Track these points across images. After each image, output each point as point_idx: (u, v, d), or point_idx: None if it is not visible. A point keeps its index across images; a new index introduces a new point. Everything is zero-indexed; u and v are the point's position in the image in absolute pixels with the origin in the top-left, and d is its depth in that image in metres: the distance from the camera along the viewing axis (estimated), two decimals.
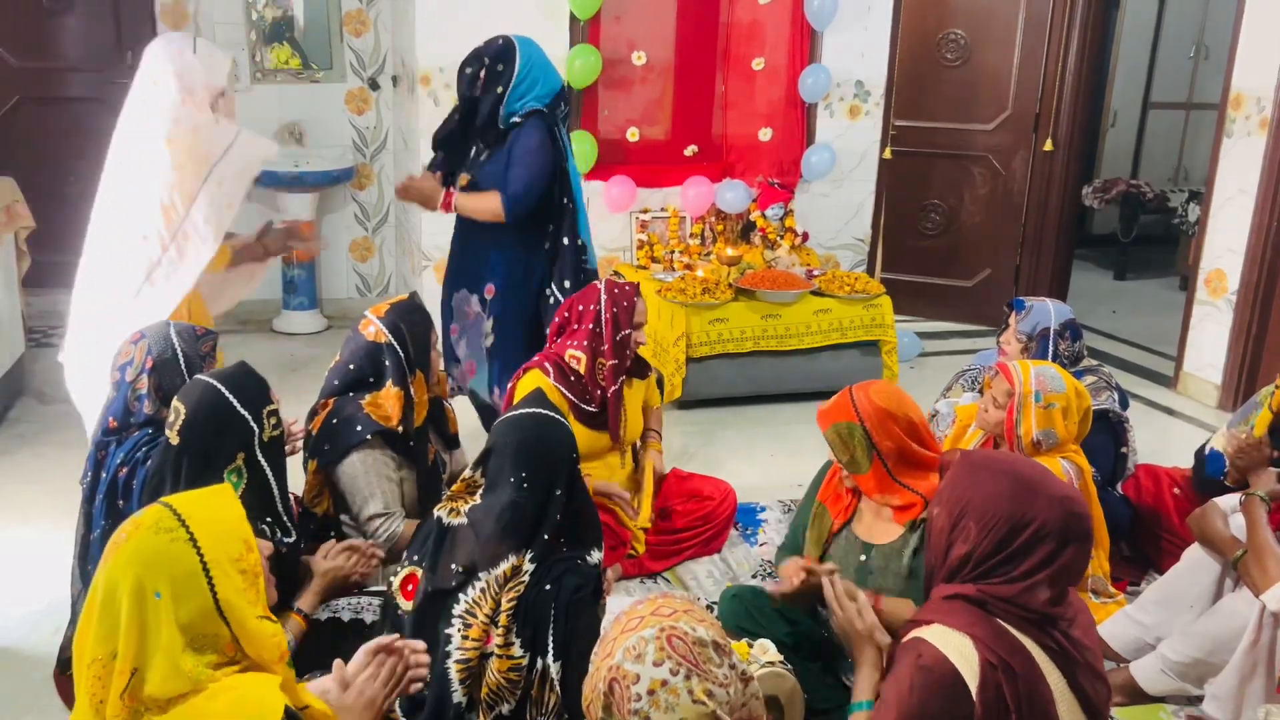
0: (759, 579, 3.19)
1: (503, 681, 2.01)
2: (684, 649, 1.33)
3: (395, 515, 2.63)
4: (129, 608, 1.45)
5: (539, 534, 2.08)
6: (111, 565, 1.49)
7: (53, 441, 3.98)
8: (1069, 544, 1.72)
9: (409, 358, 2.70)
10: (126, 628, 1.44)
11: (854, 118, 5.53)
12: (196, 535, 1.49)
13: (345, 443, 2.61)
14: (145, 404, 2.50)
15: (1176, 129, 8.30)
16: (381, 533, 2.60)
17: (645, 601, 1.43)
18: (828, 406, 2.42)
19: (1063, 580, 1.74)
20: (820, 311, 4.68)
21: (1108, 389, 3.30)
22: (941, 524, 1.80)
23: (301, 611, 2.32)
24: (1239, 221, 4.70)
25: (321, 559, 2.41)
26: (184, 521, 1.49)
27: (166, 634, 1.45)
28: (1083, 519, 1.76)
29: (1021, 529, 1.72)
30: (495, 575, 2.04)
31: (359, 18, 5.52)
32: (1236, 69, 4.75)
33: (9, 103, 5.33)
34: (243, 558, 1.53)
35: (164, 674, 1.44)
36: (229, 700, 1.47)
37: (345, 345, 2.76)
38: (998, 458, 1.91)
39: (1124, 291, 7.21)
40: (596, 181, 5.10)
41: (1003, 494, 1.75)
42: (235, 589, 1.50)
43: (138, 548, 1.48)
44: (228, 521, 1.54)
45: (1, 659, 2.70)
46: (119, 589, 1.46)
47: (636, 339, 3.17)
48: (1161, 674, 2.59)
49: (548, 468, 2.10)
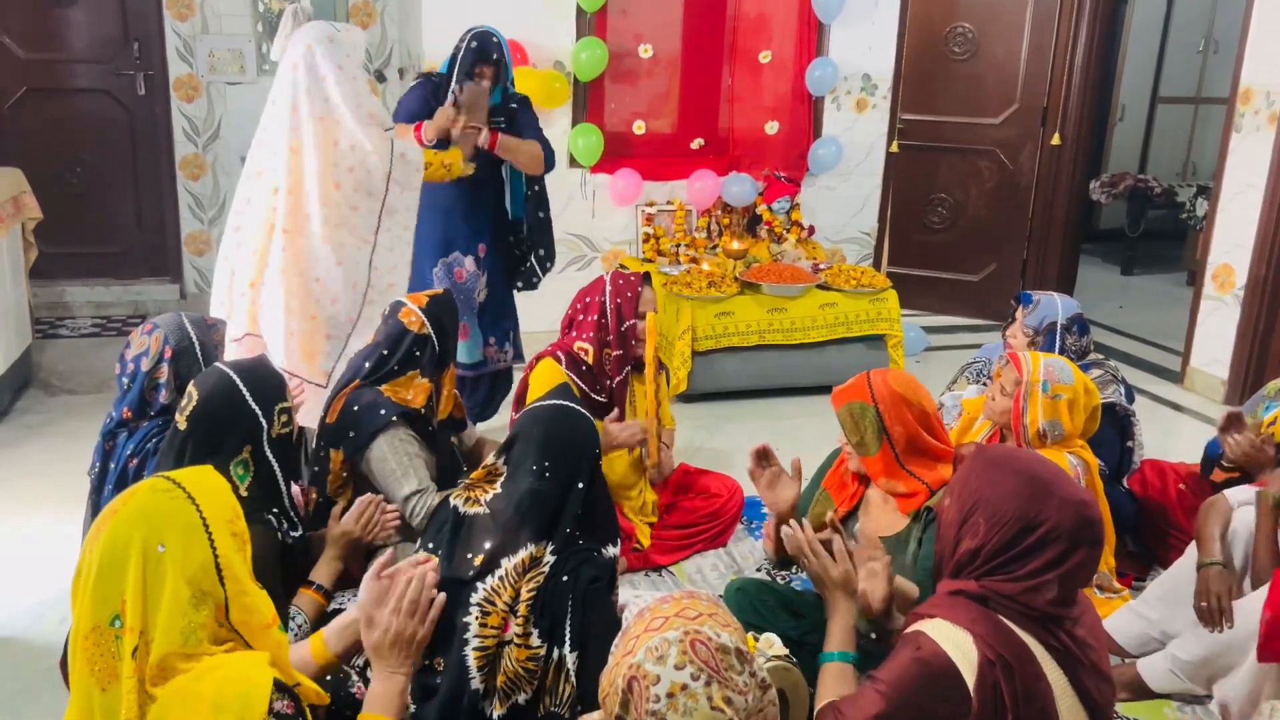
0: (764, 573, 3.20)
1: (520, 671, 2.01)
2: (706, 654, 1.33)
3: (429, 490, 2.64)
4: (135, 564, 1.43)
5: (559, 525, 2.08)
6: (112, 528, 1.46)
7: (59, 432, 3.99)
8: (1079, 548, 1.71)
9: (444, 352, 2.74)
10: (134, 584, 1.42)
11: (861, 111, 5.52)
12: (193, 495, 1.48)
13: (370, 428, 2.62)
14: (163, 393, 2.51)
15: (1185, 123, 8.28)
16: (419, 510, 2.60)
17: (671, 600, 1.42)
18: (843, 387, 2.43)
19: (1070, 584, 1.73)
20: (826, 305, 4.67)
21: (1114, 383, 3.29)
22: (951, 517, 1.80)
23: (321, 588, 2.31)
24: (1247, 216, 4.69)
25: (334, 524, 2.42)
26: (178, 484, 1.49)
27: (171, 586, 1.43)
28: (1095, 524, 1.74)
29: (1032, 529, 1.71)
30: (515, 563, 2.04)
31: (365, 10, 5.51)
32: (1246, 63, 4.73)
33: (16, 94, 5.33)
34: (234, 521, 1.53)
35: (170, 630, 1.42)
36: (216, 679, 1.44)
37: (382, 330, 2.78)
38: (1014, 455, 1.89)
39: (1131, 286, 7.19)
40: (602, 174, 5.10)
41: (1016, 492, 1.73)
42: (231, 549, 1.49)
43: (139, 506, 1.47)
44: (217, 488, 1.54)
45: (9, 648, 2.71)
46: (124, 548, 1.43)
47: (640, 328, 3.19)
48: (1170, 673, 2.58)
49: (571, 459, 2.11)
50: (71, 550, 2.66)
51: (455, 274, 3.71)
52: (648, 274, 3.29)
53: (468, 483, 2.23)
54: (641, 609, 1.43)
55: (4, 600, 2.91)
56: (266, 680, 1.47)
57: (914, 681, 1.70)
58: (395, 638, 1.76)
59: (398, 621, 1.76)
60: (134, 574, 1.42)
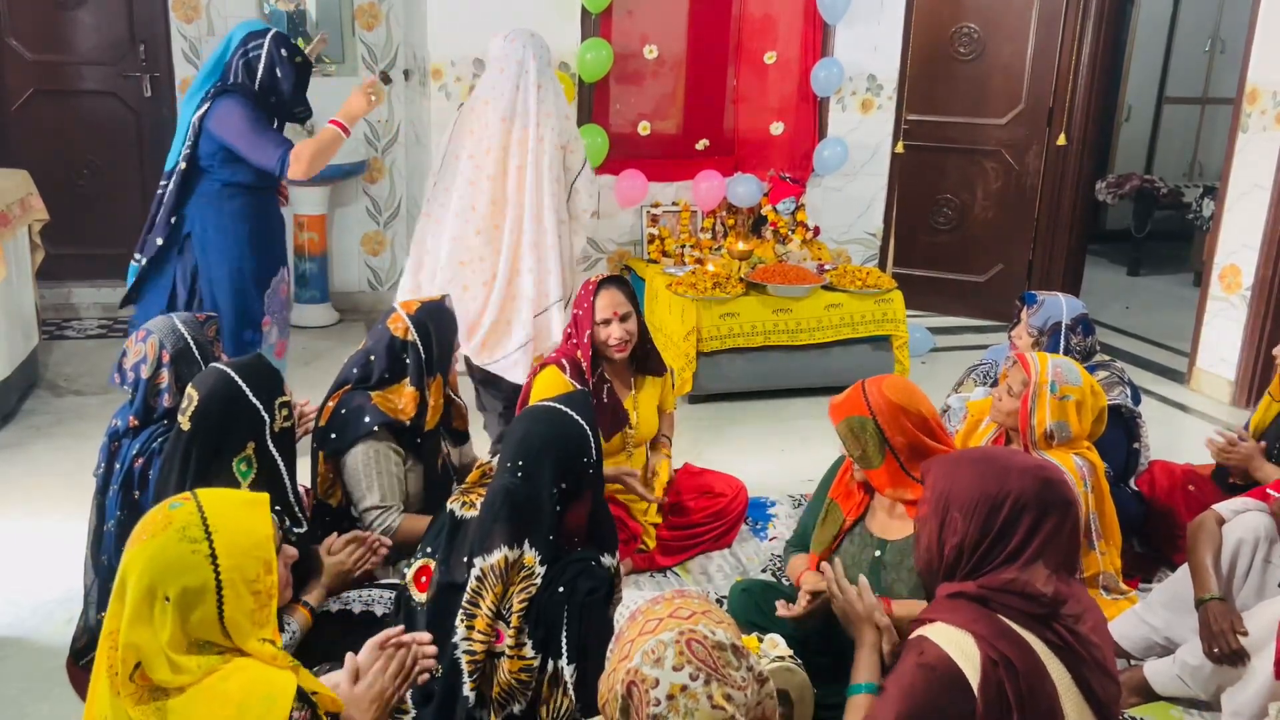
0: (769, 573, 3.19)
1: (514, 682, 2.01)
2: (703, 653, 1.33)
3: (392, 509, 2.61)
4: (135, 603, 1.47)
5: (536, 530, 2.04)
6: (130, 557, 1.51)
7: (66, 433, 4.01)
8: (1050, 511, 1.75)
9: (430, 360, 2.69)
10: (130, 620, 1.46)
11: (866, 112, 5.51)
12: (218, 552, 1.50)
13: (352, 434, 2.61)
14: (166, 397, 2.51)
15: (1191, 124, 8.26)
16: (377, 525, 2.58)
17: (662, 601, 1.42)
18: (840, 400, 2.41)
19: (1055, 554, 1.75)
20: (831, 306, 4.66)
21: (1120, 384, 3.29)
22: (932, 526, 1.82)
23: (308, 605, 2.32)
24: (1254, 217, 4.67)
25: (326, 554, 2.40)
26: (209, 534, 1.50)
27: (170, 634, 1.47)
28: (1057, 485, 1.78)
29: (1000, 506, 1.74)
30: (491, 564, 2.02)
31: (371, 11, 5.52)
32: (1252, 63, 4.71)
33: (23, 96, 5.35)
34: (259, 579, 1.54)
35: (165, 669, 1.47)
36: (243, 680, 1.49)
37: (370, 335, 2.77)
38: (967, 451, 1.95)
39: (1137, 287, 7.17)
40: (608, 175, 5.09)
41: (975, 477, 1.78)
42: (244, 610, 1.51)
43: (159, 550, 1.49)
44: (253, 539, 1.55)
45: (15, 648, 2.72)
46: (131, 582, 1.48)
47: (625, 329, 3.09)
48: (1177, 678, 2.56)
49: (546, 460, 2.07)
50: (77, 550, 2.68)
51: (280, 291, 3.67)
52: (614, 276, 3.17)
53: (464, 486, 2.23)
54: (634, 612, 1.42)
55: (11, 600, 2.92)
56: (290, 686, 1.51)
57: (920, 687, 1.70)
58: (378, 694, 1.77)
59: (383, 680, 1.79)
60: (132, 612, 1.47)
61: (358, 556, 2.41)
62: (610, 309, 3.07)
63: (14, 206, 4.16)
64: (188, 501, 1.55)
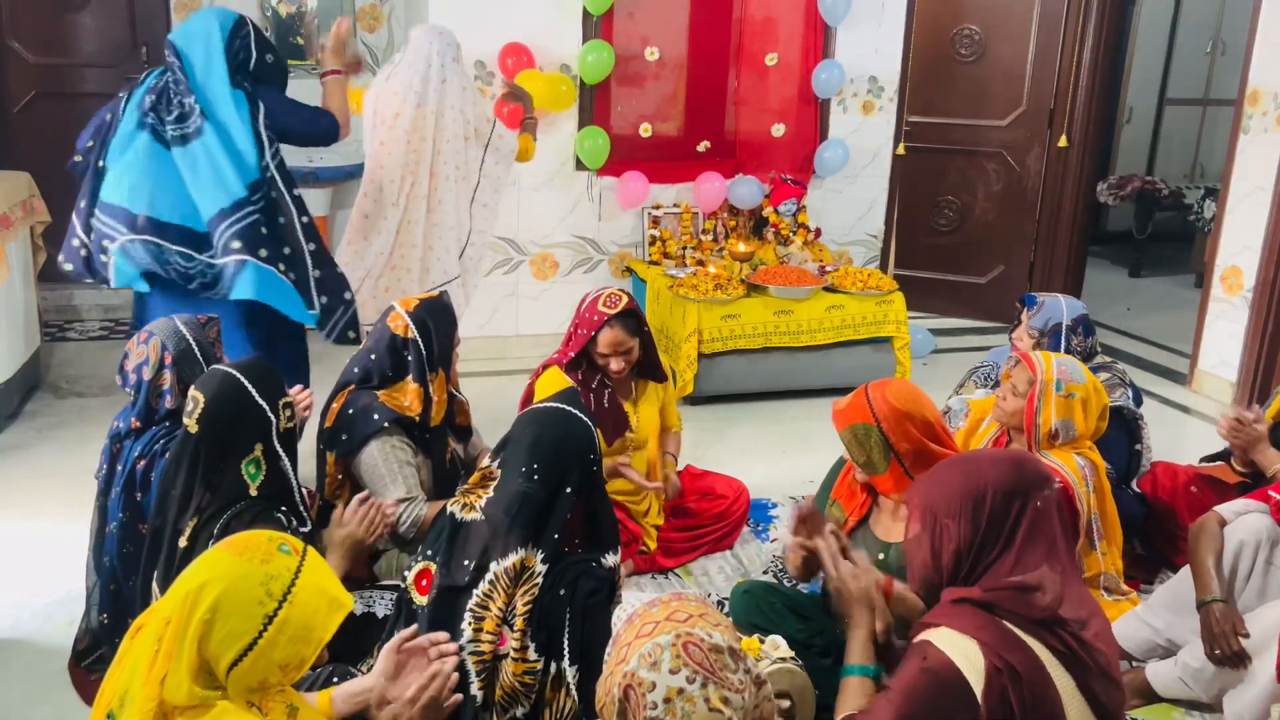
0: (770, 575, 3.19)
1: (517, 685, 2.01)
2: (700, 656, 1.33)
3: (418, 499, 2.64)
4: (181, 606, 1.45)
5: (548, 531, 2.07)
6: (214, 557, 1.50)
7: (68, 435, 4.01)
8: (1030, 493, 1.76)
9: (431, 356, 2.70)
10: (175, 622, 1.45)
11: (867, 113, 5.52)
12: (277, 621, 1.47)
13: (363, 432, 2.62)
14: (168, 399, 2.51)
15: (1193, 125, 8.26)
16: (405, 518, 2.60)
17: (659, 604, 1.42)
18: (843, 407, 2.39)
19: (1046, 533, 1.76)
20: (833, 308, 4.67)
21: (1122, 386, 3.29)
22: (925, 541, 1.82)
23: None
24: (1255, 218, 4.67)
25: (336, 528, 2.41)
26: (285, 601, 1.47)
27: (188, 652, 1.45)
28: (1030, 465, 1.81)
29: (983, 499, 1.76)
30: (505, 567, 2.04)
31: (373, 13, 5.53)
32: (1254, 65, 4.72)
33: (25, 98, 5.36)
34: (286, 666, 1.50)
35: (173, 682, 1.45)
36: None
37: (372, 334, 2.78)
38: (938, 464, 1.95)
39: (1139, 288, 7.17)
40: (609, 177, 5.10)
41: (953, 479, 1.81)
42: (254, 676, 1.48)
43: (239, 577, 1.47)
44: (313, 634, 1.51)
45: (16, 650, 2.72)
46: (191, 578, 1.47)
47: (625, 360, 3.07)
48: (1179, 680, 2.56)
49: (560, 462, 2.10)
50: (79, 552, 2.68)
51: None
52: (625, 312, 3.02)
53: (464, 489, 2.22)
54: (630, 614, 1.42)
55: (14, 602, 2.91)
56: None
57: (922, 692, 1.70)
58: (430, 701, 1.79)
59: (410, 712, 1.78)
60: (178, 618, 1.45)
61: (369, 522, 2.41)
62: (612, 347, 3.05)
63: (16, 209, 4.17)
64: (295, 556, 1.52)
